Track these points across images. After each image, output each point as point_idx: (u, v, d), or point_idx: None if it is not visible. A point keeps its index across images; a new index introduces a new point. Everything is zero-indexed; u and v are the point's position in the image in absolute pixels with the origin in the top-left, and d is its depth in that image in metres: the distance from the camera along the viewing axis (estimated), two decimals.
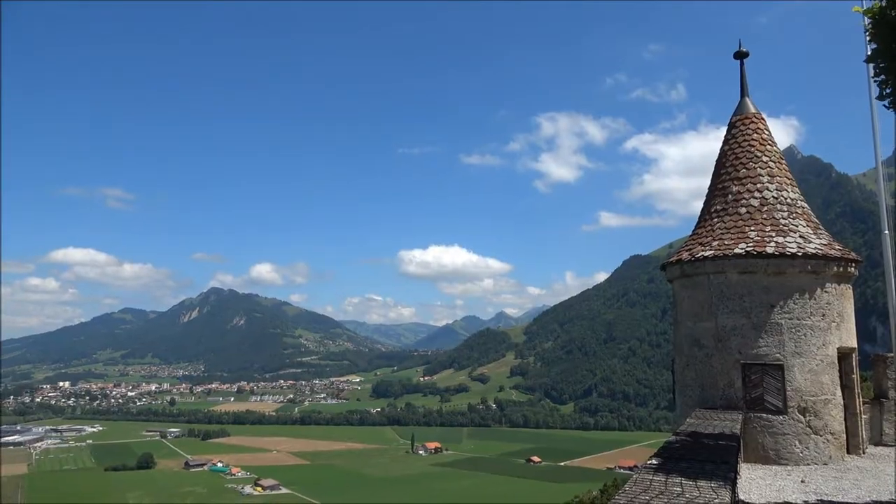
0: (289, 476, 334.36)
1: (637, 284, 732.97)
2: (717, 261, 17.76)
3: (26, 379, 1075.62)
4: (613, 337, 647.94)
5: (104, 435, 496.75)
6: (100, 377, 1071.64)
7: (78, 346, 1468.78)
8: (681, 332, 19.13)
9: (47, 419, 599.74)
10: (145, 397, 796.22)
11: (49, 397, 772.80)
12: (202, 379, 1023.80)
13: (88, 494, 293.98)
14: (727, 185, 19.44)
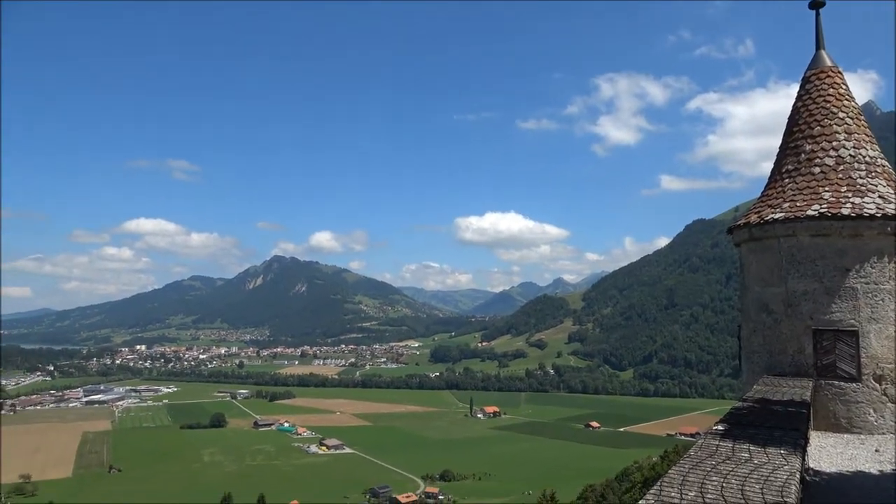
0: (351, 437, 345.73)
1: (700, 250, 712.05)
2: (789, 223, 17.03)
3: (106, 342, 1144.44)
4: (675, 303, 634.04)
5: (179, 395, 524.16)
6: (173, 341, 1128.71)
7: (152, 311, 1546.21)
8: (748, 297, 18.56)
9: (127, 380, 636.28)
10: (215, 360, 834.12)
11: (127, 359, 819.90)
12: (268, 343, 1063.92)
13: (167, 450, 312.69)
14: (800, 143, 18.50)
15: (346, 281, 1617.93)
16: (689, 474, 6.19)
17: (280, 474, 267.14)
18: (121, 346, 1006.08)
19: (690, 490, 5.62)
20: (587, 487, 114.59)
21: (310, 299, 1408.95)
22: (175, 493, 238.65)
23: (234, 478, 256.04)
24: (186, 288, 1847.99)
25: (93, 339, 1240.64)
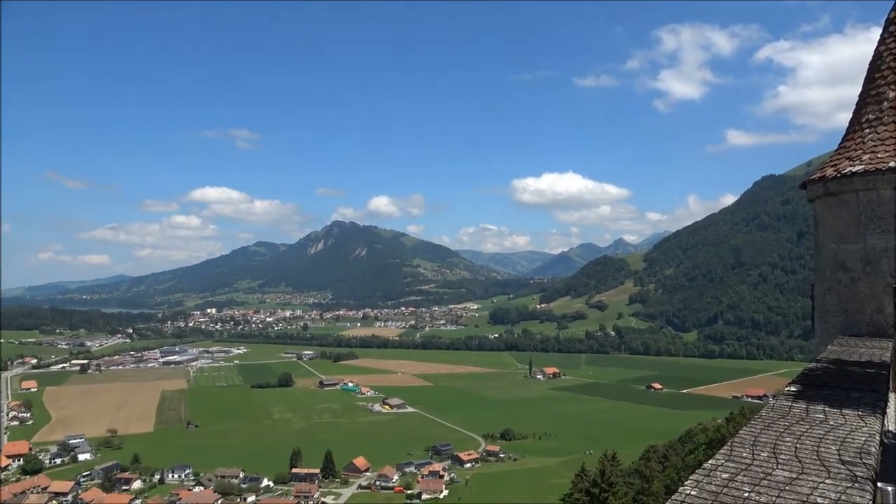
0: (413, 396, 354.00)
1: (770, 207, 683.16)
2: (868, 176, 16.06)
3: (179, 306, 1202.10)
4: (742, 262, 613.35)
5: (248, 356, 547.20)
6: (241, 304, 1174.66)
7: (221, 276, 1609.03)
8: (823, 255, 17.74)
9: (199, 341, 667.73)
10: (281, 322, 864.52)
11: (199, 322, 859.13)
12: (330, 306, 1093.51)
13: (239, 408, 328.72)
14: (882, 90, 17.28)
15: (404, 245, 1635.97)
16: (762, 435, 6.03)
17: (345, 432, 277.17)
18: (193, 310, 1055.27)
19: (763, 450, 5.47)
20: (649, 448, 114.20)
21: (369, 263, 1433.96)
22: (248, 447, 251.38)
23: (303, 434, 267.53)
24: (252, 254, 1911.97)
25: (167, 303, 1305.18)
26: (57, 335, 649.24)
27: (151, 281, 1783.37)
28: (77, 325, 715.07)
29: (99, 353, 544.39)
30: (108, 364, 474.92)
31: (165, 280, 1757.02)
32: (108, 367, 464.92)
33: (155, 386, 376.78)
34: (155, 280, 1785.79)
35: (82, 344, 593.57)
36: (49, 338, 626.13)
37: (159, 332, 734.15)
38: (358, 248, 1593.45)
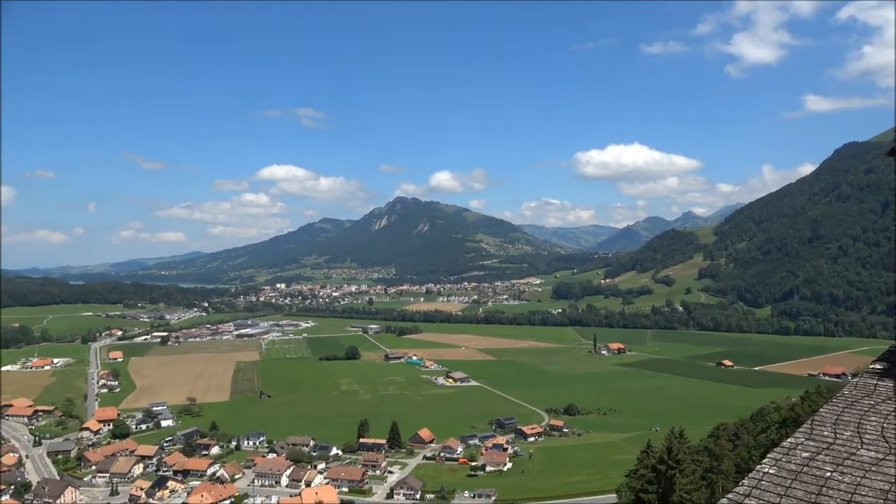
0: (476, 370, 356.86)
1: (852, 176, 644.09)
2: None
3: (250, 281, 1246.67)
4: (820, 235, 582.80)
5: (316, 329, 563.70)
6: (308, 279, 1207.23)
7: (289, 252, 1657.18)
8: None
9: (270, 315, 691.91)
10: (347, 297, 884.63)
11: (270, 297, 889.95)
12: (394, 281, 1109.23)
13: (308, 379, 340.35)
14: None
15: (466, 220, 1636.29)
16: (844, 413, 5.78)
17: (410, 404, 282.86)
18: (263, 285, 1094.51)
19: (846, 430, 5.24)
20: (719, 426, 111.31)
21: (432, 238, 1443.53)
22: (318, 416, 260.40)
23: (369, 405, 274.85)
24: (318, 230, 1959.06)
25: (239, 279, 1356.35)
26: (139, 309, 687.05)
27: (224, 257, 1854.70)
28: (157, 300, 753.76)
29: (177, 325, 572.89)
30: (186, 336, 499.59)
31: (237, 256, 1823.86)
32: (186, 339, 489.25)
33: (230, 357, 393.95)
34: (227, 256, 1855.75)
35: (162, 317, 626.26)
36: (132, 311, 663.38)
37: (232, 306, 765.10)
38: (420, 223, 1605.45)
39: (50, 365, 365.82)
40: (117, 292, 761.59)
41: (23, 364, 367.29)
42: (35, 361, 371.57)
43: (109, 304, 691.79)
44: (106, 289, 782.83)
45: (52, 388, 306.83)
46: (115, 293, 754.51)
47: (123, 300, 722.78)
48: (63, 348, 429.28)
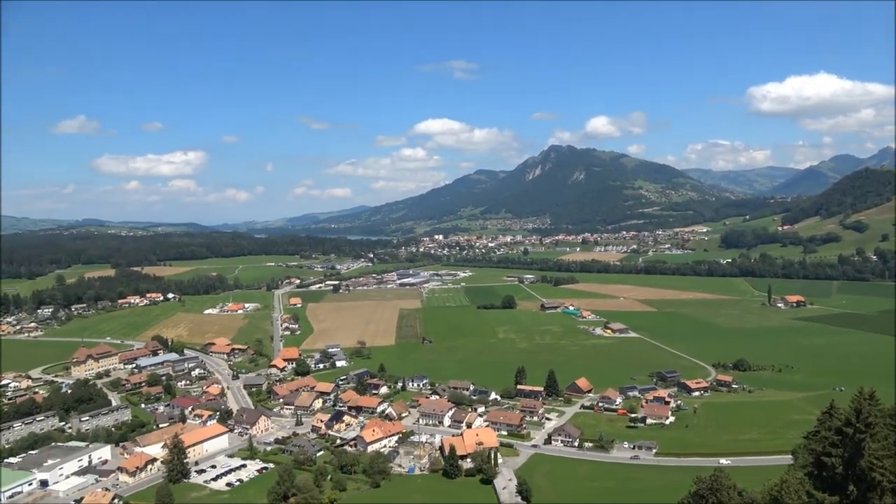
0: (636, 321, 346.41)
1: None
2: None
3: (410, 233, 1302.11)
4: None
5: (473, 279, 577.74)
6: (465, 230, 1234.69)
7: (445, 204, 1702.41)
8: None
9: (429, 265, 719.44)
10: (502, 247, 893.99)
11: (429, 248, 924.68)
12: (549, 231, 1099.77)
13: (467, 326, 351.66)
14: None
15: (624, 166, 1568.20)
16: None
17: (567, 353, 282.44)
18: (422, 236, 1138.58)
19: None
20: None
21: (588, 187, 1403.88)
22: (476, 362, 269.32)
23: (526, 353, 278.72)
24: (473, 182, 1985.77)
25: (400, 231, 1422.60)
26: (313, 259, 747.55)
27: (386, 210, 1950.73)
28: (328, 251, 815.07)
29: (347, 275, 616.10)
30: (355, 285, 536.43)
31: (398, 209, 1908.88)
32: (355, 287, 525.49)
33: (394, 305, 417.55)
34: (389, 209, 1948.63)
35: (333, 267, 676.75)
36: (307, 262, 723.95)
37: (395, 257, 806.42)
38: (576, 171, 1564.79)
39: (242, 309, 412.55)
40: (294, 244, 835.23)
41: (220, 308, 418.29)
42: (230, 306, 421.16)
43: (288, 255, 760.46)
44: (285, 241, 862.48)
45: (244, 330, 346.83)
46: (293, 245, 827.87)
47: (300, 251, 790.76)
48: (251, 294, 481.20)
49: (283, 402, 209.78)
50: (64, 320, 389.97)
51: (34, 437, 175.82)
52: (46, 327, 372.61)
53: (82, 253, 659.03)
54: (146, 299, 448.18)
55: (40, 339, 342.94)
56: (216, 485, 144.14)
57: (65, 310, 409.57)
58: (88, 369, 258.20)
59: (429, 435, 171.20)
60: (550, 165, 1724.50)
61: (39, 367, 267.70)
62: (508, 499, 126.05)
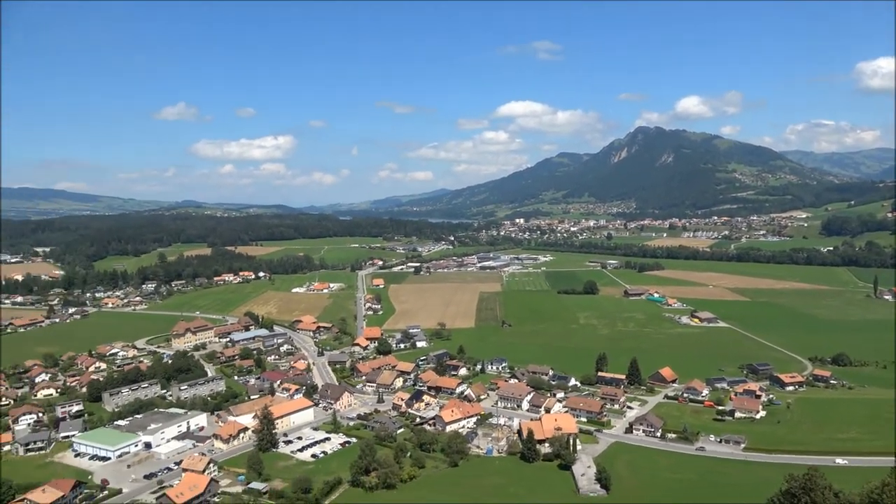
0: (726, 311, 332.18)
1: None
2: None
3: (491, 216, 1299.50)
4: None
5: (553, 263, 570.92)
6: (546, 214, 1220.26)
7: (527, 188, 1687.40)
8: None
9: (510, 249, 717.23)
10: (585, 232, 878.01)
11: (510, 231, 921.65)
12: (634, 215, 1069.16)
13: (547, 311, 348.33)
14: None
15: (717, 148, 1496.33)
16: None
17: (651, 341, 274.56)
18: (503, 220, 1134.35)
19: None
20: None
21: (677, 170, 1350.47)
22: (556, 347, 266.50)
23: (607, 340, 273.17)
24: (555, 165, 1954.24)
25: (481, 214, 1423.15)
26: (395, 241, 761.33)
27: (468, 194, 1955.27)
28: (410, 233, 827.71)
29: (428, 257, 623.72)
30: (436, 267, 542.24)
31: (479, 192, 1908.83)
32: (436, 269, 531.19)
33: (474, 288, 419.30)
34: (471, 193, 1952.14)
35: (415, 249, 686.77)
36: (390, 243, 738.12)
37: (475, 240, 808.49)
38: (664, 154, 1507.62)
39: (327, 289, 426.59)
40: (377, 227, 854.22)
41: (307, 287, 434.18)
42: (316, 285, 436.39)
43: (371, 237, 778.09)
44: (368, 224, 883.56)
45: (329, 309, 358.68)
46: (376, 227, 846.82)
47: (383, 234, 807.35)
48: (336, 275, 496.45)
49: (366, 380, 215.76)
50: (165, 295, 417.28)
51: (139, 403, 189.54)
52: (150, 301, 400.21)
53: (182, 232, 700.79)
54: (239, 277, 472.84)
55: (144, 312, 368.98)
56: (302, 455, 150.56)
57: (166, 285, 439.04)
58: (187, 342, 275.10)
59: (507, 418, 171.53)
60: (637, 148, 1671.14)
61: (144, 338, 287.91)
62: (587, 486, 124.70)
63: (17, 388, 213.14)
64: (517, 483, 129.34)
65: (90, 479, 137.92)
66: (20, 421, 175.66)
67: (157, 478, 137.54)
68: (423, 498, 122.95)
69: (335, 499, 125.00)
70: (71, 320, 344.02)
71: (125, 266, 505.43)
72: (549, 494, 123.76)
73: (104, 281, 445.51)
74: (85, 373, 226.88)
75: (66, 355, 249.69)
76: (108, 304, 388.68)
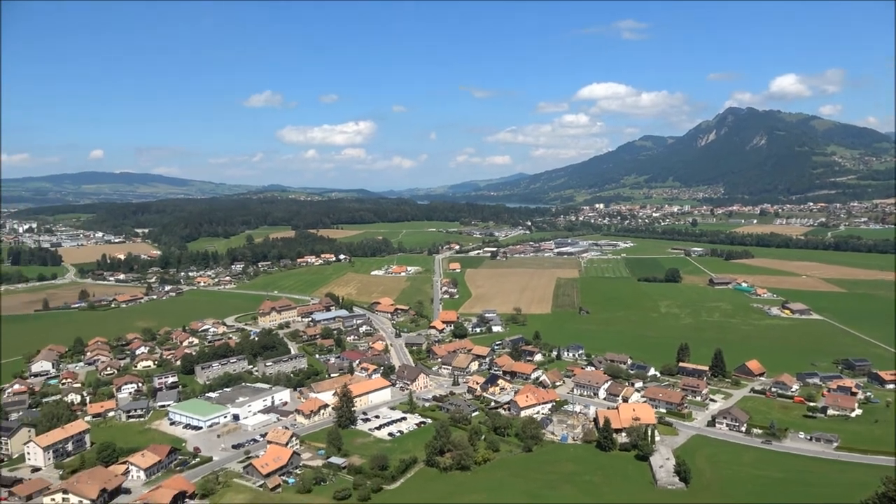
0: (820, 302, 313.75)
1: None
2: None
3: (570, 201, 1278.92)
4: None
5: (634, 250, 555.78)
6: (627, 199, 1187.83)
7: (607, 172, 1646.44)
8: None
9: (588, 235, 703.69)
10: (668, 218, 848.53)
11: (588, 217, 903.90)
12: (722, 201, 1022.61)
13: (626, 299, 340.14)
14: None
15: (814, 129, 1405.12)
16: None
17: (737, 333, 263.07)
18: (582, 205, 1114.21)
19: None
20: None
21: (770, 153, 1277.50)
22: (635, 336, 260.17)
23: (690, 330, 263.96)
24: (638, 148, 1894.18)
25: (559, 199, 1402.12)
26: (472, 226, 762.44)
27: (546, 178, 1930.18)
28: (487, 218, 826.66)
29: (505, 242, 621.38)
30: (512, 252, 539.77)
31: (558, 177, 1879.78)
32: (512, 254, 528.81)
33: (551, 273, 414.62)
34: (549, 177, 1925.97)
35: (491, 234, 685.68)
36: (467, 228, 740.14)
37: (553, 225, 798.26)
38: (756, 136, 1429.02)
39: (405, 272, 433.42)
40: (454, 211, 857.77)
41: (385, 270, 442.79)
42: (394, 268, 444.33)
43: (448, 222, 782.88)
44: (445, 208, 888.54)
45: (406, 291, 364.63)
46: (453, 212, 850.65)
47: (460, 218, 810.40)
48: (414, 258, 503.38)
49: (441, 362, 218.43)
50: (252, 275, 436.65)
51: (228, 377, 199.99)
52: (238, 281, 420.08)
53: (268, 215, 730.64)
54: (321, 259, 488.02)
55: (233, 291, 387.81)
56: (379, 433, 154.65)
57: (253, 266, 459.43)
58: (272, 320, 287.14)
59: (583, 405, 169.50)
60: (726, 130, 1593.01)
61: (233, 316, 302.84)
62: (665, 478, 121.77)
63: (120, 359, 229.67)
64: (592, 471, 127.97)
65: (184, 446, 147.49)
66: (122, 389, 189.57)
67: (244, 448, 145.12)
68: (498, 481, 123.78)
69: (411, 477, 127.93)
70: (167, 297, 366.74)
71: (216, 247, 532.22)
72: (626, 484, 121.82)
73: (197, 261, 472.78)
74: (179, 347, 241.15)
75: (163, 330, 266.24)
76: (201, 283, 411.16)
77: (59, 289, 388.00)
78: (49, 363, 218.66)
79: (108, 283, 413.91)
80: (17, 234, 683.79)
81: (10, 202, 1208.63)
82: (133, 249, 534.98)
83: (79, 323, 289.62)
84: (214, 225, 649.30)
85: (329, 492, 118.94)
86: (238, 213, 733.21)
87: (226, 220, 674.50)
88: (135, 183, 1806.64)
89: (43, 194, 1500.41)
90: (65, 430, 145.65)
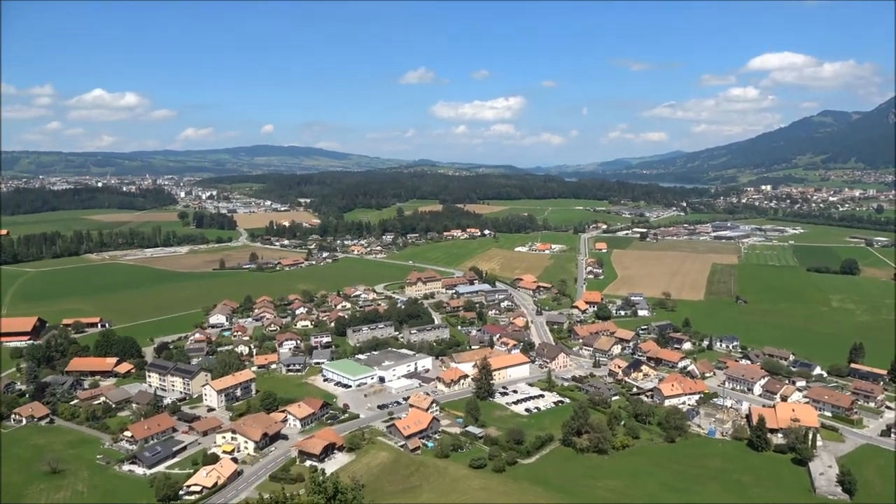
0: None
1: None
2: None
3: (732, 182, 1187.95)
4: None
5: (805, 237, 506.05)
6: (799, 181, 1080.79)
7: (777, 151, 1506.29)
8: None
9: (752, 219, 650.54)
10: (848, 203, 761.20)
11: (753, 199, 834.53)
12: None
13: (791, 290, 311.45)
14: None
15: None
16: None
17: None
18: (746, 186, 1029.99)
19: None
20: None
21: None
22: (800, 331, 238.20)
23: (866, 329, 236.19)
24: (815, 125, 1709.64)
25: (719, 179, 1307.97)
26: (622, 205, 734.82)
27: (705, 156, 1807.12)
28: (638, 197, 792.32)
29: (656, 223, 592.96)
30: (664, 234, 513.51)
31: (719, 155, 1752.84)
32: (664, 236, 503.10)
33: (706, 258, 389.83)
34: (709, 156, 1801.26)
35: (642, 214, 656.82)
36: (615, 207, 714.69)
37: (711, 207, 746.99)
38: None
39: (549, 250, 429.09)
40: (604, 189, 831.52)
41: (529, 247, 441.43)
42: (538, 246, 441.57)
43: (596, 200, 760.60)
44: (594, 186, 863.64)
45: (549, 269, 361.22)
46: (602, 190, 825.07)
47: (608, 197, 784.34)
48: (558, 236, 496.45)
49: (582, 343, 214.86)
50: (401, 246, 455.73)
51: (376, 341, 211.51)
52: (388, 251, 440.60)
53: (417, 189, 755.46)
54: (466, 233, 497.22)
55: (383, 260, 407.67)
56: (516, 408, 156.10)
57: (402, 237, 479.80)
58: (418, 290, 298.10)
59: (735, 400, 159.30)
60: None
61: (382, 284, 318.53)
62: (826, 487, 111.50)
63: (283, 317, 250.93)
64: (742, 470, 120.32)
65: (334, 401, 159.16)
66: (283, 345, 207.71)
67: (388, 409, 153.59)
68: (637, 468, 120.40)
69: (546, 454, 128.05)
70: (324, 263, 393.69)
71: (369, 218, 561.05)
72: (779, 489, 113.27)
73: (351, 230, 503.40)
74: (333, 310, 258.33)
75: (319, 293, 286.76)
76: (354, 251, 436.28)
77: (234, 251, 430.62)
78: (224, 316, 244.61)
79: (273, 248, 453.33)
80: (201, 199, 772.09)
81: (195, 171, 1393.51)
82: (296, 217, 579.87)
83: (249, 282, 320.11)
84: (368, 197, 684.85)
85: (465, 459, 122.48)
86: (390, 187, 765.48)
87: (378, 193, 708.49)
88: (300, 156, 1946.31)
89: (222, 165, 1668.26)
90: (235, 377, 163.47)
